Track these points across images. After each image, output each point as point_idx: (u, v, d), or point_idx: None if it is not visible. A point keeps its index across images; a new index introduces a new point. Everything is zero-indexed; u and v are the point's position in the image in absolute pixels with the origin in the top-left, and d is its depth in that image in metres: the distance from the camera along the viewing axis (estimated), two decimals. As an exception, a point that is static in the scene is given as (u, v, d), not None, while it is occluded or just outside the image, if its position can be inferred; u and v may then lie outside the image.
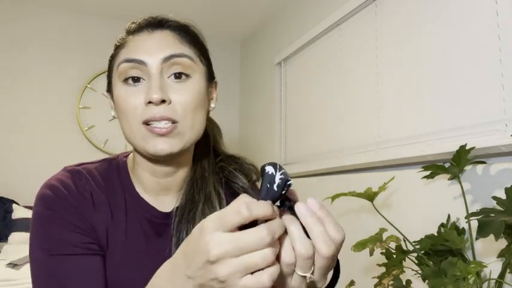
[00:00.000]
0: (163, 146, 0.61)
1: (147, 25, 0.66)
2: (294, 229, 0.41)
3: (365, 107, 1.86)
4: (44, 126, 2.79)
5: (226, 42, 3.37)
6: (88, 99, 2.90)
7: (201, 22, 0.74)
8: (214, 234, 0.39)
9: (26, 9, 2.81)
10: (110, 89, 0.69)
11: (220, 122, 0.83)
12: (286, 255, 0.41)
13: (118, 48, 0.67)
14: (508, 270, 1.02)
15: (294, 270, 0.42)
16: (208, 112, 0.71)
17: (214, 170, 0.76)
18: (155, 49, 0.63)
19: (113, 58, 0.68)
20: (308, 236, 0.41)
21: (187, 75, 0.64)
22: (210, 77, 0.71)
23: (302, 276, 0.42)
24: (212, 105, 0.72)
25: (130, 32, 0.67)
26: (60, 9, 2.89)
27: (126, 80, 0.63)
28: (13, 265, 1.77)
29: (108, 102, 0.72)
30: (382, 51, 1.77)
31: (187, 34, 0.67)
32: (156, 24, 0.66)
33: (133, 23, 0.68)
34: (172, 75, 0.63)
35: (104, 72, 2.92)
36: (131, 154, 0.73)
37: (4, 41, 2.74)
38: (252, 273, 0.38)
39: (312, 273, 0.42)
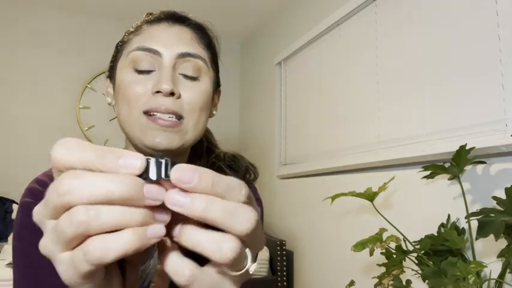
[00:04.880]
0: (162, 140, 0.59)
1: (167, 17, 0.65)
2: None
3: (365, 107, 1.85)
4: (44, 126, 2.79)
5: (226, 42, 3.36)
6: (88, 99, 2.91)
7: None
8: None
9: (26, 9, 2.81)
10: (111, 74, 0.67)
11: (220, 121, 0.83)
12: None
13: (131, 34, 0.65)
14: (508, 270, 1.02)
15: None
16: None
17: (205, 166, 0.75)
18: (172, 42, 0.62)
19: (123, 43, 0.66)
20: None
21: (198, 75, 0.63)
22: (217, 84, 0.70)
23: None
24: (214, 111, 0.72)
25: (148, 21, 0.65)
26: (60, 9, 2.89)
27: (135, 67, 0.61)
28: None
29: (106, 87, 0.69)
30: (382, 51, 1.77)
31: (205, 36, 0.67)
32: (177, 18, 0.65)
33: (151, 14, 0.67)
34: (184, 72, 0.62)
35: (104, 72, 2.92)
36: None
37: (4, 40, 2.74)
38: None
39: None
